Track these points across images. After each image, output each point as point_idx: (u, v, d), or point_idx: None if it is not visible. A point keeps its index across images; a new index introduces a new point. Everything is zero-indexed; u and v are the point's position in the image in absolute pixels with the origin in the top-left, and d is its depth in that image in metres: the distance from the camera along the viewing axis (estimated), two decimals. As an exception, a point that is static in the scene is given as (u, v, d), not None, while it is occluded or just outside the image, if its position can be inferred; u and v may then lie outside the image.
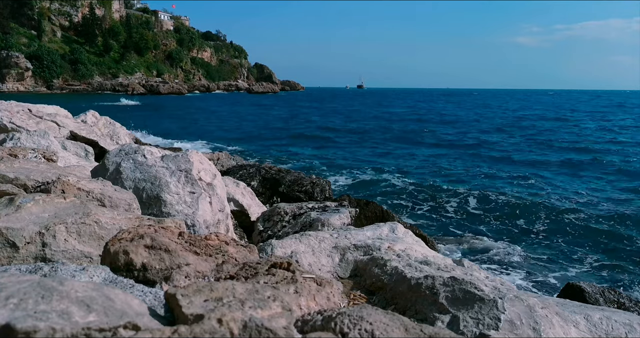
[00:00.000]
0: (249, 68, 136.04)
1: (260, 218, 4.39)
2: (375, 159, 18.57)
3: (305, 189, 7.26)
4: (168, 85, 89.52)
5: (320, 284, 1.48)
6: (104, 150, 6.12)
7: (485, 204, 11.22)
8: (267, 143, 22.28)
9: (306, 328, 1.13)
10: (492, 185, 13.64)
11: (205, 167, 3.51)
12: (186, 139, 21.36)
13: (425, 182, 13.71)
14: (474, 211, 10.69)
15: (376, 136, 26.13)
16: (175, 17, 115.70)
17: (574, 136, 27.10)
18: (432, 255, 2.78)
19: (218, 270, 1.55)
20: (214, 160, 9.20)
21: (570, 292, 4.42)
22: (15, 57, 71.81)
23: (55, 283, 0.97)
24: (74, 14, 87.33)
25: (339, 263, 2.56)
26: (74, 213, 1.93)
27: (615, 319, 1.98)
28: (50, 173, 2.79)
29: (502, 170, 16.15)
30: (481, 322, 1.70)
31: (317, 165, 16.43)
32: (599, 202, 11.78)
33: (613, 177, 15.19)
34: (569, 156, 19.32)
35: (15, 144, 4.39)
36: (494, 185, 13.55)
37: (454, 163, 17.61)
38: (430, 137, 25.91)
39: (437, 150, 20.94)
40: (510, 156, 19.39)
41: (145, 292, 1.33)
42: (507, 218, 10.17)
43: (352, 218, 3.95)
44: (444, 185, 13.15)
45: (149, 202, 3.10)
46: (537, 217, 10.23)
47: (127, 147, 3.49)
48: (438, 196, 11.96)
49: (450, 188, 12.74)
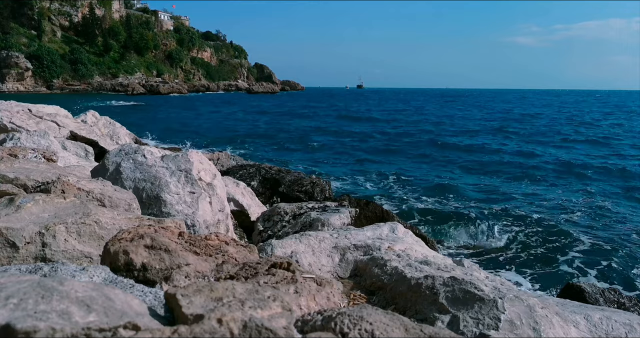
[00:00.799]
0: (249, 68, 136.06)
1: (260, 218, 4.39)
2: (374, 157, 18.58)
3: (305, 189, 7.26)
4: (168, 85, 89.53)
5: (320, 284, 1.48)
6: (104, 150, 6.12)
7: (486, 204, 11.22)
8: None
9: (306, 328, 1.13)
10: (493, 185, 13.65)
11: (205, 167, 3.51)
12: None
13: (425, 182, 13.71)
14: (474, 211, 10.69)
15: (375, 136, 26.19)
16: (175, 17, 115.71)
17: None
18: (432, 255, 2.78)
19: (218, 270, 1.55)
20: (214, 160, 9.20)
21: (570, 292, 4.42)
22: (15, 57, 71.82)
23: (55, 283, 0.97)
24: (74, 14, 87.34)
25: (339, 263, 2.56)
26: (74, 214, 1.93)
27: (615, 319, 1.98)
28: (50, 173, 2.79)
29: (501, 170, 16.17)
30: (481, 322, 1.70)
31: (317, 166, 16.44)
32: (599, 201, 11.79)
33: (615, 177, 15.22)
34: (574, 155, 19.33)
35: (15, 144, 4.39)
36: (494, 186, 13.56)
37: (453, 163, 17.61)
38: (430, 138, 25.95)
39: (437, 150, 20.96)
40: (510, 155, 19.41)
41: (145, 292, 1.33)
42: (507, 218, 10.17)
43: (352, 218, 3.95)
44: (444, 186, 13.15)
45: (149, 202, 3.10)
46: (537, 217, 10.22)
47: (127, 147, 3.49)
48: (438, 196, 11.97)
49: (450, 189, 12.75)
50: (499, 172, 15.78)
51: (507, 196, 12.01)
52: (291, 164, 15.82)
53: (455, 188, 12.80)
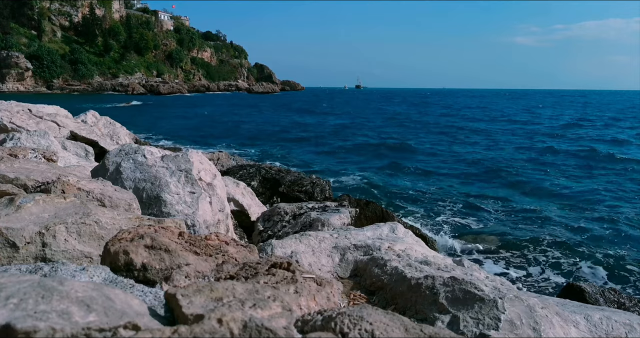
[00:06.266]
0: (249, 68, 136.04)
1: (260, 218, 4.39)
2: (374, 158, 18.58)
3: (305, 189, 7.26)
4: (168, 85, 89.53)
5: (320, 284, 1.48)
6: (104, 150, 6.12)
7: (486, 205, 11.22)
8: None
9: (306, 328, 1.13)
10: (492, 185, 13.65)
11: (205, 167, 3.51)
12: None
13: (425, 182, 13.71)
14: (474, 211, 10.69)
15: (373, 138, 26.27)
16: (175, 17, 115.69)
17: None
18: (432, 255, 2.78)
19: (218, 270, 1.55)
20: (214, 160, 9.20)
21: (570, 292, 4.42)
22: (15, 57, 71.81)
23: (55, 283, 0.97)
24: (74, 14, 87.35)
25: (339, 263, 2.56)
26: (74, 214, 1.93)
27: (615, 319, 1.98)
28: (50, 173, 2.79)
29: (501, 171, 16.17)
30: (481, 322, 1.70)
31: (316, 166, 16.45)
32: (599, 202, 11.78)
33: (615, 176, 15.21)
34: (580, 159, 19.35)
35: (15, 144, 4.39)
36: (493, 185, 13.56)
37: (453, 164, 17.61)
38: (430, 138, 25.97)
39: (436, 151, 20.97)
40: (509, 156, 19.41)
41: (145, 292, 1.33)
42: (507, 218, 10.17)
43: (352, 218, 3.95)
44: (445, 186, 13.15)
45: (149, 202, 3.10)
46: (537, 217, 10.23)
47: (127, 147, 3.49)
48: (438, 196, 11.96)
49: (450, 189, 12.74)
50: (501, 173, 15.78)
51: (507, 196, 12.00)
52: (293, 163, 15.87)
53: (455, 189, 12.79)
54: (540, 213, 10.54)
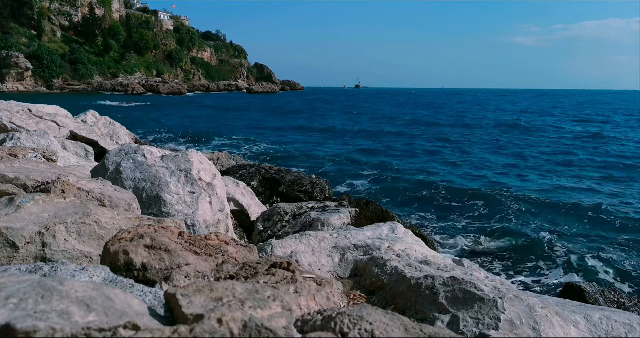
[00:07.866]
0: (249, 68, 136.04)
1: (260, 218, 4.39)
2: (374, 158, 18.58)
3: (305, 189, 7.26)
4: (168, 85, 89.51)
5: (320, 284, 1.48)
6: (104, 150, 6.12)
7: (485, 204, 11.22)
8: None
9: (306, 328, 1.13)
10: (492, 185, 13.65)
11: (205, 167, 3.51)
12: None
13: (425, 182, 13.71)
14: (474, 211, 10.69)
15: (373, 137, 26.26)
16: (175, 17, 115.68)
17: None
18: (432, 255, 2.78)
19: (218, 270, 1.55)
20: (214, 160, 9.20)
21: (570, 292, 4.42)
22: (15, 57, 71.80)
23: (55, 283, 0.97)
24: (74, 14, 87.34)
25: (339, 263, 2.56)
26: (74, 214, 1.93)
27: (615, 319, 1.98)
28: (50, 173, 2.79)
29: (501, 170, 16.18)
30: (481, 322, 1.70)
31: (316, 164, 16.44)
32: (599, 201, 11.78)
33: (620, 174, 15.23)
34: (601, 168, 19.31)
35: (15, 144, 4.39)
36: (493, 185, 13.56)
37: (453, 164, 17.62)
38: (430, 138, 25.98)
39: (436, 151, 20.97)
40: (512, 156, 19.42)
41: (145, 292, 1.33)
42: (507, 218, 10.17)
43: (352, 218, 3.95)
44: (445, 186, 13.15)
45: (149, 202, 3.10)
46: (537, 218, 10.23)
47: (127, 147, 3.49)
48: (438, 196, 11.96)
49: (450, 189, 12.74)
50: (501, 173, 15.78)
51: (506, 196, 12.00)
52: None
53: (456, 189, 12.79)
54: (540, 214, 10.54)
